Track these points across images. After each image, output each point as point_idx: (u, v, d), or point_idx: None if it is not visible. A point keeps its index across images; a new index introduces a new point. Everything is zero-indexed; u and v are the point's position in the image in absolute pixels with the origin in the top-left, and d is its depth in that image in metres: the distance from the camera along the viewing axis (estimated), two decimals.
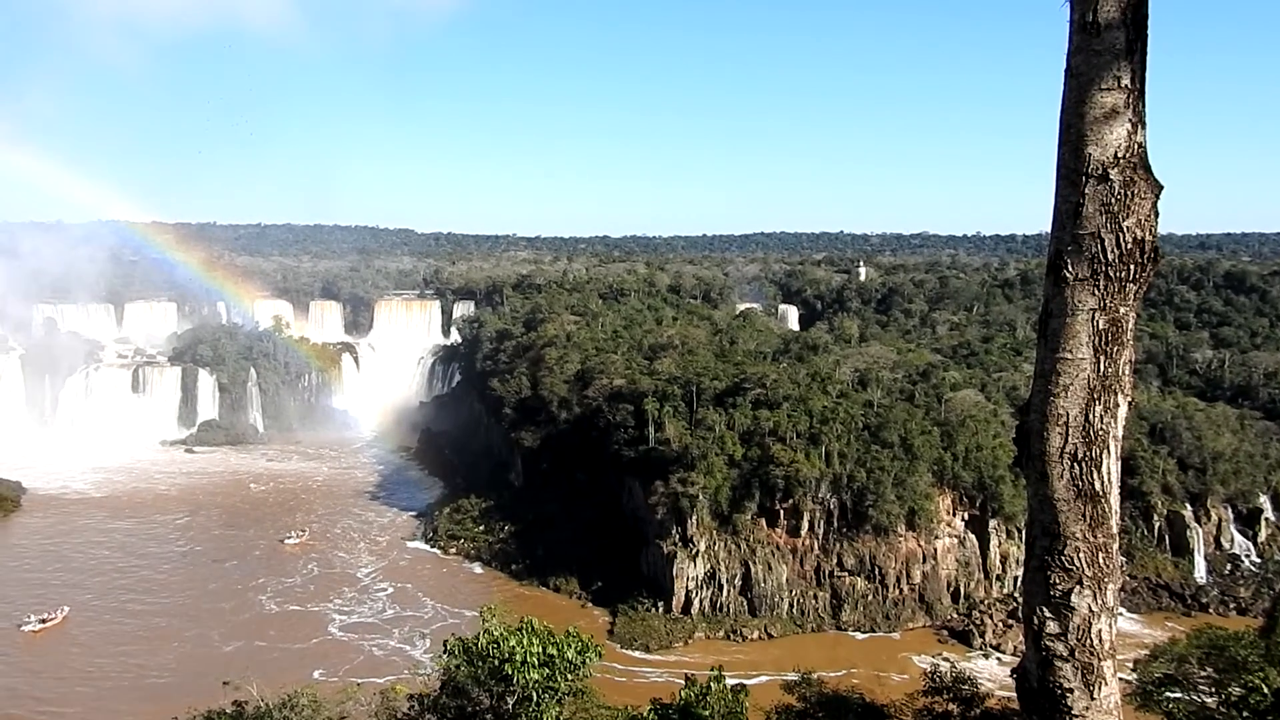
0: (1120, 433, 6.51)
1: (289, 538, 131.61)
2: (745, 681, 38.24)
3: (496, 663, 24.46)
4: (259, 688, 30.66)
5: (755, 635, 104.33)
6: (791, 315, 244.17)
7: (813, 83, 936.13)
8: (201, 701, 30.94)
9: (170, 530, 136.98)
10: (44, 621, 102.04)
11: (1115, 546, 6.54)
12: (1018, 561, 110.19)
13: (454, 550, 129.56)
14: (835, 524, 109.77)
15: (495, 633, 24.99)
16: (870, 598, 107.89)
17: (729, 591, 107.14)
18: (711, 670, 27.56)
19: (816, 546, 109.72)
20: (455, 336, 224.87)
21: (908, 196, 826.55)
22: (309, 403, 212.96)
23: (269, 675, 34.88)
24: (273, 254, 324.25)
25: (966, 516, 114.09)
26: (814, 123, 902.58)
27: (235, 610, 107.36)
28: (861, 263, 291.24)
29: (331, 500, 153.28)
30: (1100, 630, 6.50)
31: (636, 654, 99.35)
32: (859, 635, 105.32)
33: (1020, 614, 7.30)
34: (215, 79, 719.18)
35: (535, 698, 24.37)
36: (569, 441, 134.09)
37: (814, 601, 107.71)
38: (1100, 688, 6.52)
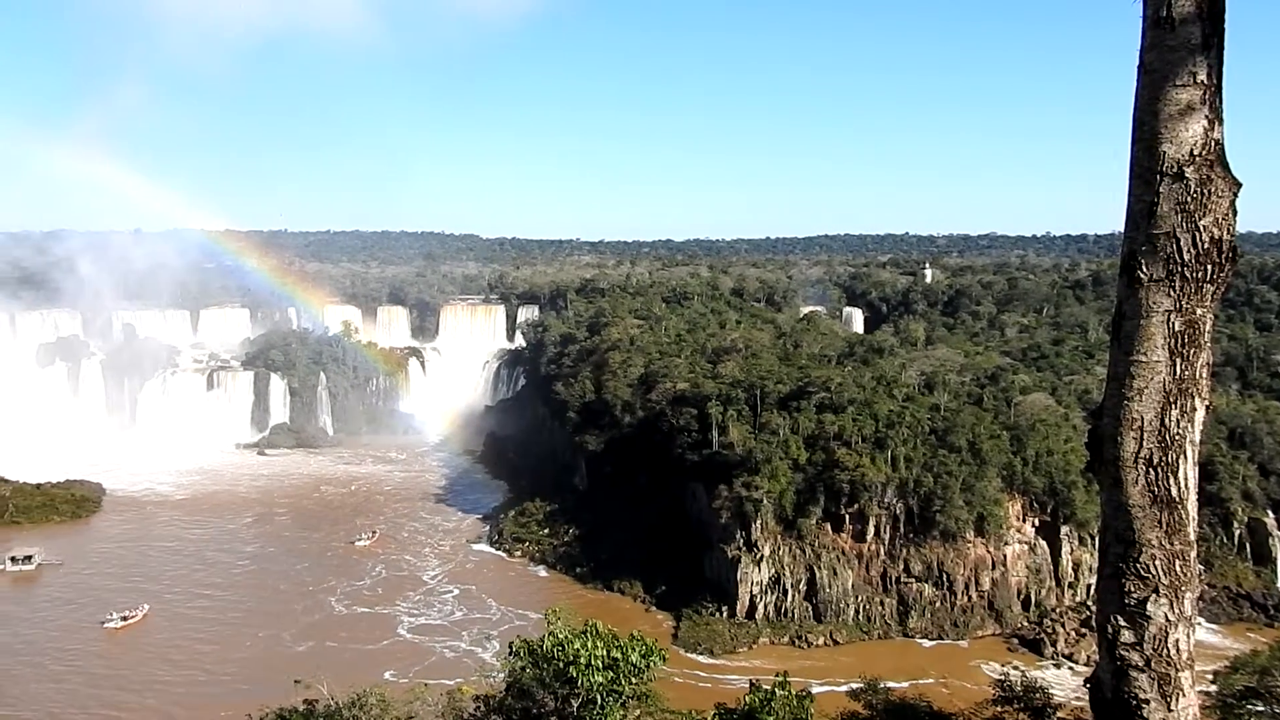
0: (1198, 437, 6.35)
1: (359, 539, 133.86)
2: (811, 688, 37.99)
3: (561, 665, 24.57)
4: (329, 687, 31.19)
5: (820, 641, 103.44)
6: (856, 318, 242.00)
7: (877, 84, 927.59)
8: (274, 700, 31.55)
9: (244, 531, 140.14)
10: (125, 619, 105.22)
11: (1193, 554, 6.38)
12: (1090, 569, 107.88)
13: (519, 553, 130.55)
14: (902, 529, 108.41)
15: (560, 635, 25.11)
16: (938, 604, 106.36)
17: (794, 597, 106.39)
18: (776, 676, 27.33)
19: (883, 552, 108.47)
20: (520, 341, 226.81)
21: (975, 197, 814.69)
22: (377, 406, 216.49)
23: (339, 675, 35.43)
24: (341, 260, 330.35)
25: (1037, 522, 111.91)
26: (879, 124, 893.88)
27: (307, 611, 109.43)
28: (928, 264, 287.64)
29: (399, 503, 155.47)
30: (1177, 640, 6.34)
31: (700, 658, 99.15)
32: (926, 643, 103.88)
33: (1094, 622, 7.16)
34: (288, 85, 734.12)
35: (599, 701, 24.42)
36: (633, 445, 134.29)
37: (880, 608, 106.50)
38: (1177, 699, 6.35)
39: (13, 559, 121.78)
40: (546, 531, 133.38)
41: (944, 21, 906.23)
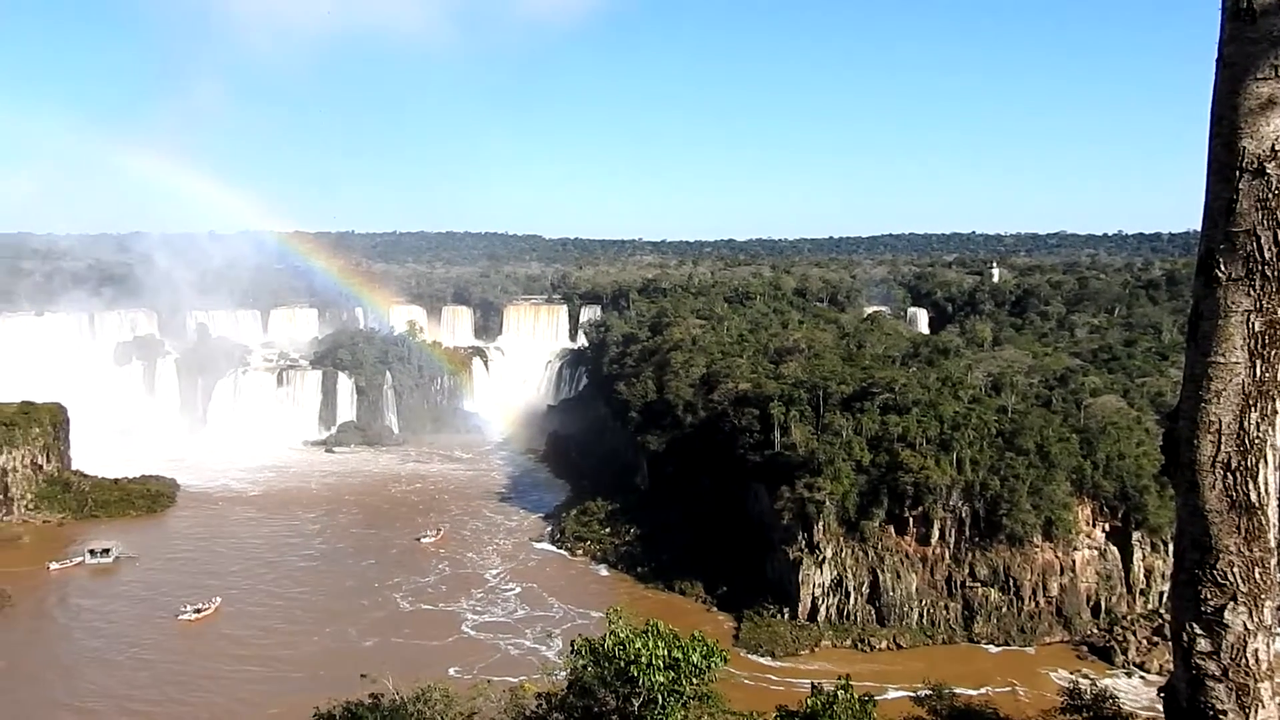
0: (1278, 441, 6.18)
1: (425, 536, 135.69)
2: (873, 692, 37.60)
3: (622, 664, 24.63)
4: (394, 682, 31.66)
5: (883, 645, 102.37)
6: (921, 318, 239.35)
7: (942, 82, 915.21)
8: (340, 694, 32.07)
9: (312, 527, 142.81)
10: (198, 611, 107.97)
11: (1273, 561, 6.21)
12: (1163, 575, 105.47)
13: (580, 552, 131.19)
14: (967, 533, 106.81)
15: (621, 634, 25.18)
16: (1004, 610, 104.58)
17: (856, 599, 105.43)
18: (838, 679, 27.12)
19: (947, 555, 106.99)
20: (582, 340, 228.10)
21: (1044, 194, 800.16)
22: (441, 405, 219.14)
23: (404, 671, 35.99)
24: (407, 260, 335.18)
25: (1108, 528, 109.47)
26: (945, 121, 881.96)
27: (373, 607, 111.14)
28: (995, 264, 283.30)
29: (463, 501, 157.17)
30: (1256, 649, 6.16)
31: (761, 660, 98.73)
32: (992, 648, 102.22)
33: (1168, 631, 6.98)
34: (356, 86, 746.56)
35: (660, 700, 24.44)
36: (694, 445, 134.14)
37: (945, 612, 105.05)
38: (1256, 710, 6.18)
39: (91, 552, 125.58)
40: (608, 531, 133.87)
41: (1013, 18, 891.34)
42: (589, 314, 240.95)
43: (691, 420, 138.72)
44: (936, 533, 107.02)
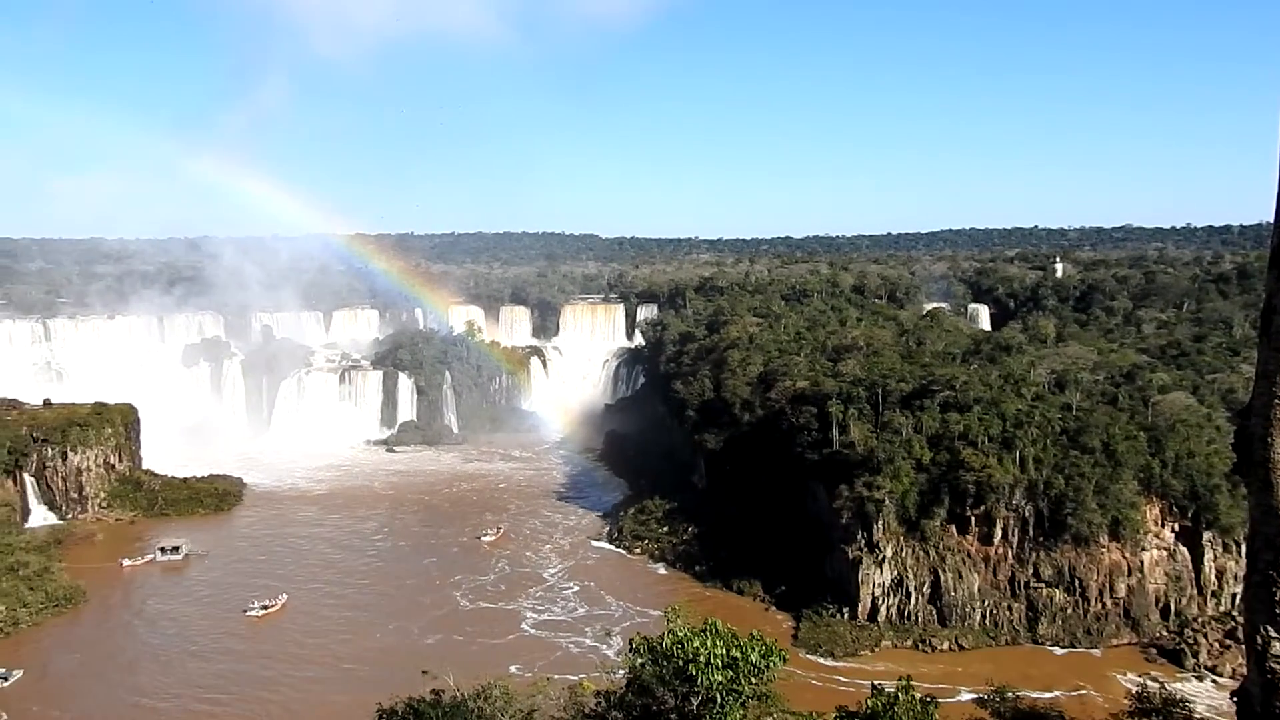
0: None
1: (485, 534, 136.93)
2: (935, 694, 37.19)
3: (681, 663, 24.63)
4: (455, 679, 32.01)
5: (945, 646, 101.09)
6: (982, 314, 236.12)
7: (1002, 77, 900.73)
8: (402, 689, 32.48)
9: (375, 526, 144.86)
10: (266, 608, 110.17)
11: None
12: (1236, 577, 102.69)
13: (638, 550, 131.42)
14: (1031, 532, 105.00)
15: (679, 633, 25.18)
16: (1070, 611, 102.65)
17: (917, 599, 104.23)
18: (899, 680, 26.82)
19: (1010, 555, 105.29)
20: (639, 339, 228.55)
21: (1109, 187, 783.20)
22: (499, 405, 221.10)
23: (465, 668, 36.30)
24: (465, 261, 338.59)
25: (1177, 527, 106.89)
26: (1006, 115, 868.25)
27: (434, 605, 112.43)
28: (1058, 258, 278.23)
29: (521, 500, 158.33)
30: None
31: (821, 660, 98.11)
32: (1057, 650, 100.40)
33: (1240, 633, 6.82)
34: (418, 89, 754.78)
35: (719, 700, 24.40)
36: (752, 444, 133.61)
37: (1008, 613, 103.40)
38: None
39: (162, 550, 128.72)
40: (666, 529, 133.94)
41: (1077, 11, 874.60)
42: (646, 313, 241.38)
43: (749, 419, 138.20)
44: (999, 532, 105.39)
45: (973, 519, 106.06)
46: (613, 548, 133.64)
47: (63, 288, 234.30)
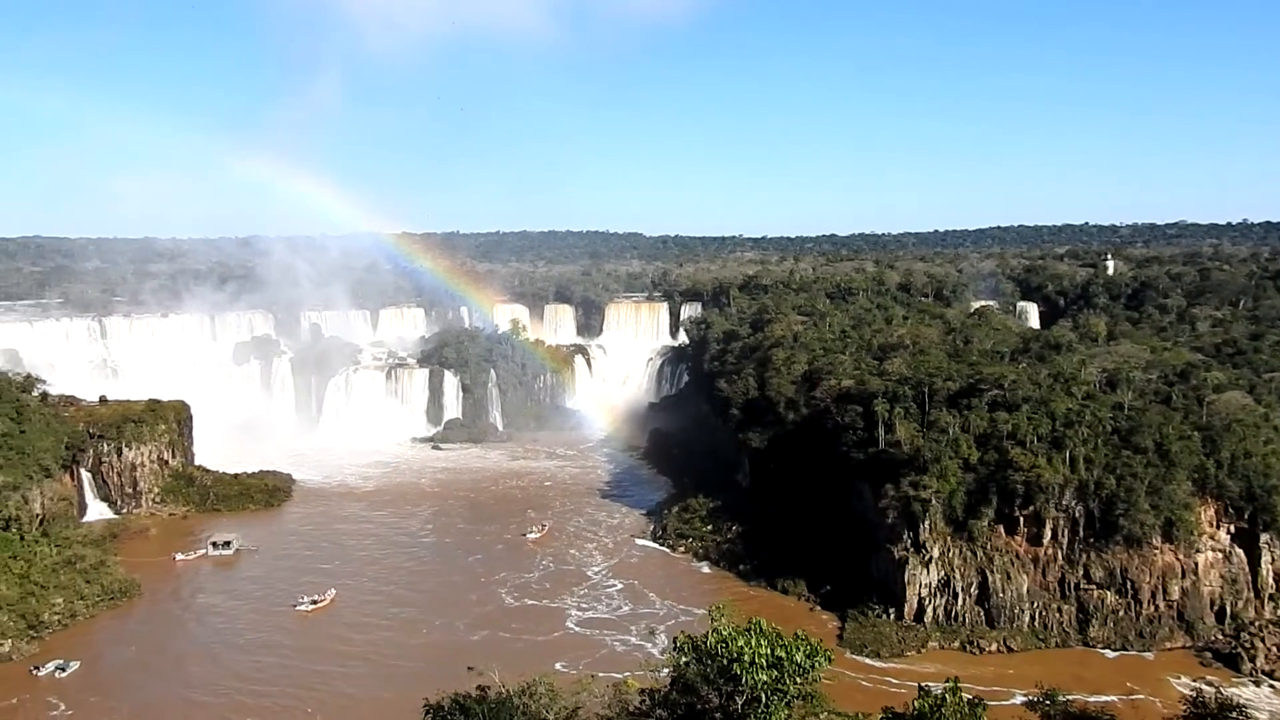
0: None
1: (530, 532, 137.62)
2: (983, 696, 36.78)
3: (725, 662, 24.63)
4: (500, 675, 32.25)
5: (993, 648, 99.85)
6: (1031, 312, 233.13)
7: (1051, 70, 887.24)
8: (449, 685, 32.78)
9: (421, 522, 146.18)
10: (314, 603, 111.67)
11: None
12: None
13: (682, 549, 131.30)
14: (1081, 533, 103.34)
15: (724, 632, 25.17)
16: (1121, 613, 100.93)
17: (964, 600, 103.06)
18: (946, 681, 26.60)
19: (1060, 556, 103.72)
20: (683, 338, 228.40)
21: (1162, 183, 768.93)
22: (544, 403, 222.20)
23: (510, 664, 36.55)
24: (510, 260, 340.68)
25: (1233, 529, 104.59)
26: (1055, 110, 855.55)
27: (479, 602, 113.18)
28: (1109, 255, 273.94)
29: (565, 498, 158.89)
30: None
31: (866, 660, 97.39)
32: (1109, 653, 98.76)
33: None
34: (465, 87, 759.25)
35: (764, 699, 24.36)
36: (796, 442, 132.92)
37: (1058, 615, 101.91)
38: None
39: (214, 544, 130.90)
40: (710, 528, 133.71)
41: (1129, 4, 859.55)
42: (689, 311, 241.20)
43: (793, 417, 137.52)
44: (1049, 533, 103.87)
45: (1021, 519, 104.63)
46: (657, 546, 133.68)
47: (118, 286, 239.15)
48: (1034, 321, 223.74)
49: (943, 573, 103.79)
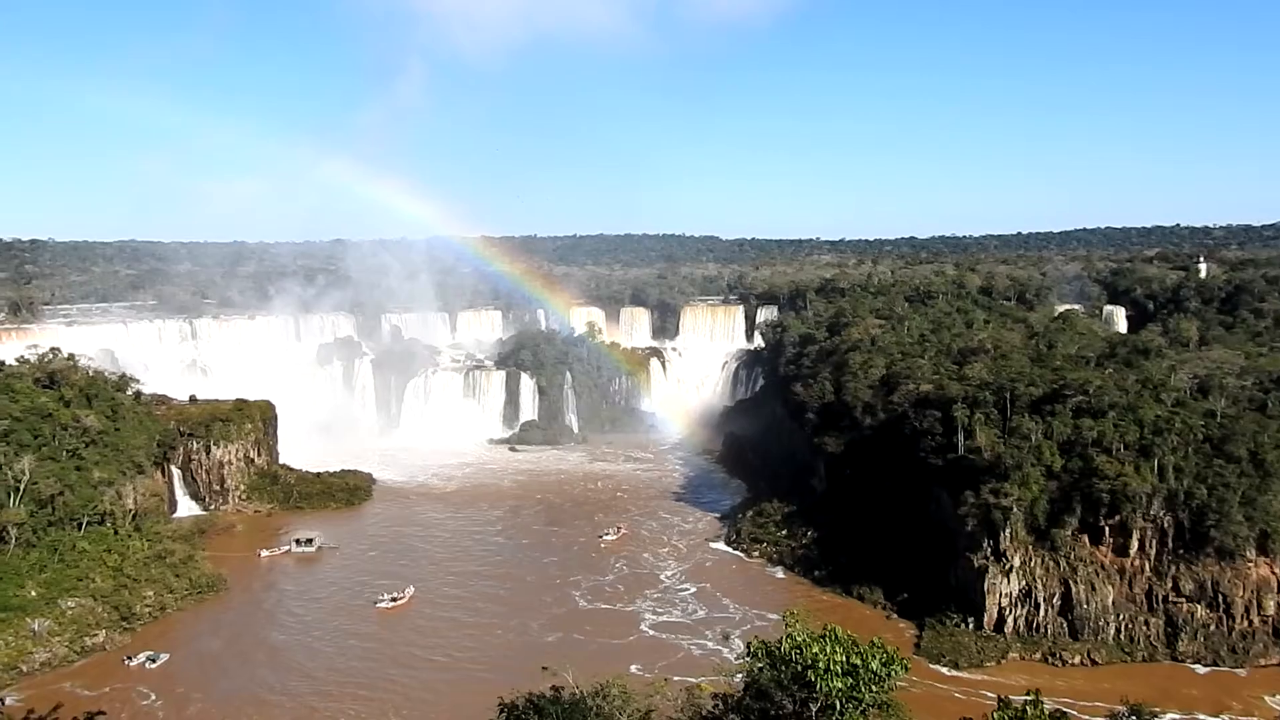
0: None
1: (607, 535, 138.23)
2: (1065, 709, 35.96)
3: (799, 668, 24.44)
4: (574, 676, 32.45)
5: (1076, 660, 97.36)
6: (1118, 316, 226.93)
7: (1141, 67, 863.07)
8: (523, 685, 33.07)
9: (498, 523, 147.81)
10: (394, 600, 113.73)
11: None
12: None
13: (756, 554, 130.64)
14: (1170, 544, 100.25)
15: (798, 638, 24.98)
16: (1212, 628, 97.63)
17: (1047, 611, 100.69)
18: (1027, 693, 26.00)
19: (1148, 568, 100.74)
20: (758, 341, 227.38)
21: (1259, 182, 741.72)
22: (619, 405, 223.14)
23: (584, 666, 36.74)
24: (586, 263, 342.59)
25: None
26: (1145, 108, 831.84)
27: (554, 603, 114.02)
28: (1202, 258, 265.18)
29: (640, 501, 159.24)
30: None
31: (944, 670, 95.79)
32: (1199, 668, 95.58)
33: None
34: (545, 90, 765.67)
35: (839, 707, 24.12)
36: (873, 447, 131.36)
37: (1144, 628, 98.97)
38: None
39: (297, 541, 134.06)
40: (784, 533, 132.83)
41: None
42: (765, 314, 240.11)
43: (870, 422, 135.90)
44: (1135, 543, 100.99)
45: (1107, 529, 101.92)
46: (730, 550, 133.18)
47: (208, 289, 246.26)
48: (1121, 326, 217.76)
49: (1024, 582, 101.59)
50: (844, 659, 24.14)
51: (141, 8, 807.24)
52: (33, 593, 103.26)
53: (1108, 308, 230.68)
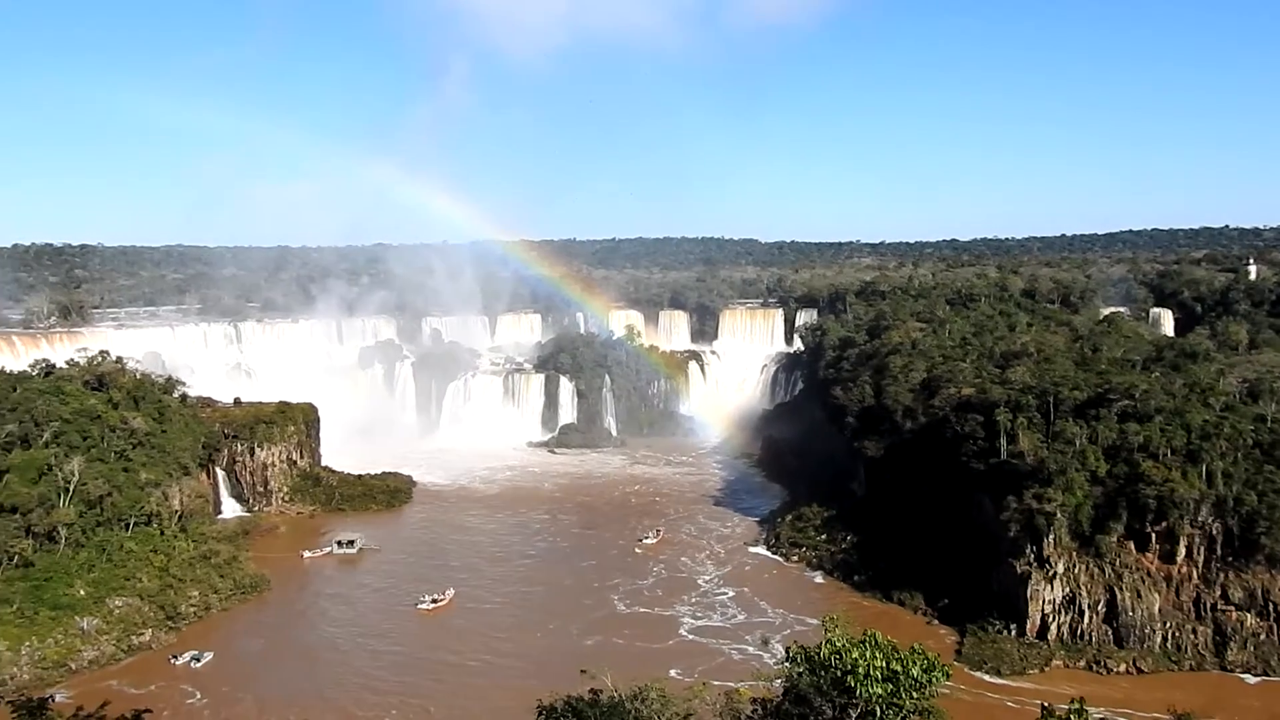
0: None
1: (645, 538, 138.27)
2: (1110, 718, 35.43)
3: (839, 674, 24.31)
4: (613, 679, 32.48)
5: (1122, 669, 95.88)
6: (1165, 319, 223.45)
7: (1186, 65, 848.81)
8: (561, 687, 33.16)
9: (537, 526, 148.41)
10: (435, 602, 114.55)
11: None
12: None
13: (795, 558, 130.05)
14: (1218, 551, 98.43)
15: (838, 643, 24.84)
16: (1263, 637, 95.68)
17: (1091, 619, 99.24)
18: (1071, 701, 25.63)
19: (1195, 575, 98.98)
20: (798, 344, 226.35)
21: None
22: (658, 408, 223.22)
23: (623, 670, 36.72)
24: (625, 266, 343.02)
25: None
26: (1191, 106, 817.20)
27: (593, 607, 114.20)
28: (1251, 259, 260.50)
29: (678, 504, 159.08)
30: None
31: (985, 677, 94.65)
32: (1249, 678, 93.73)
33: None
34: (587, 92, 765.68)
35: (878, 714, 23.95)
36: (914, 452, 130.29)
37: (1192, 636, 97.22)
38: None
39: (339, 543, 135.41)
40: (824, 537, 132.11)
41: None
42: (805, 317, 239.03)
43: (911, 426, 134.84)
44: (1183, 550, 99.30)
45: (1153, 535, 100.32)
46: (770, 554, 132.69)
47: (252, 292, 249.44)
48: (1168, 329, 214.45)
49: (1068, 589, 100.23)
50: (884, 665, 23.97)
51: (191, 19, 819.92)
52: (81, 592, 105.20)
53: (1154, 310, 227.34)
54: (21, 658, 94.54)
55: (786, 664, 26.62)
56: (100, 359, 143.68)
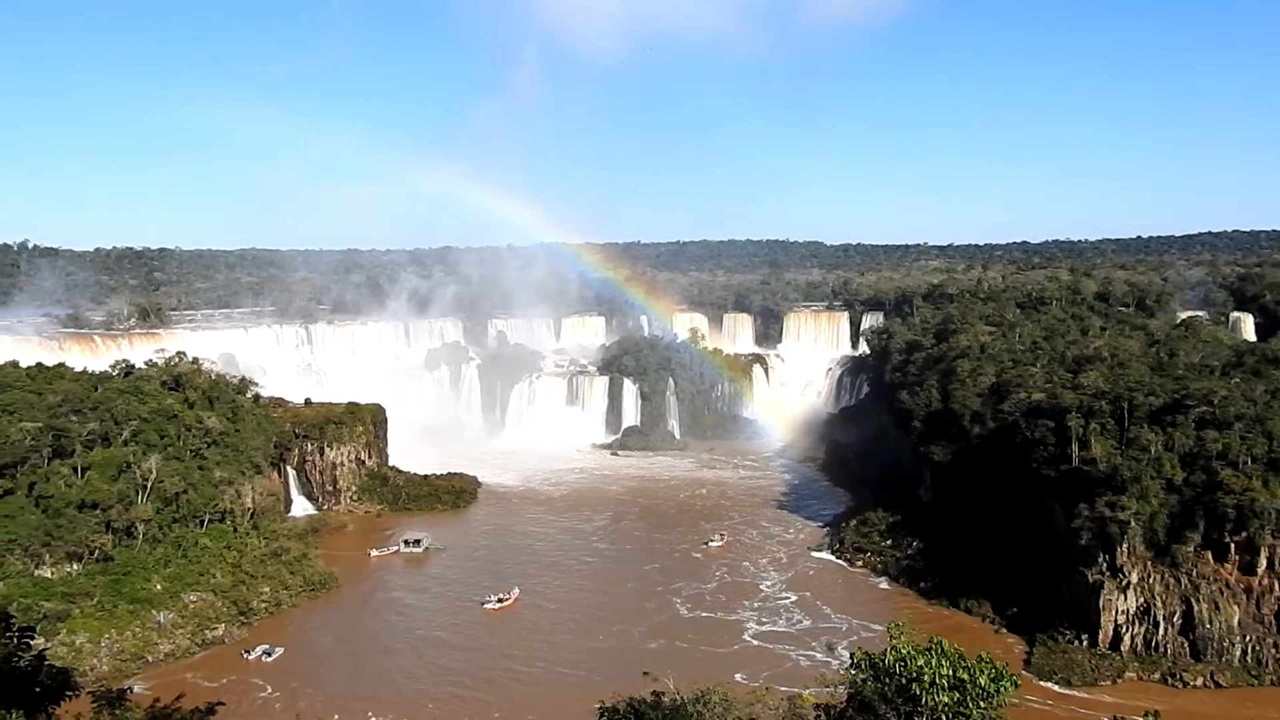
0: None
1: (711, 541, 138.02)
2: None
3: (904, 681, 24.02)
4: (675, 682, 32.48)
5: (1199, 682, 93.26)
6: (1246, 324, 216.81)
7: (1261, 59, 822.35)
8: (624, 689, 33.21)
9: (600, 528, 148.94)
10: (501, 601, 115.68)
11: None
12: None
13: (860, 563, 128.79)
14: None
15: (903, 650, 24.56)
16: None
17: (1166, 630, 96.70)
18: (1145, 714, 25.06)
19: (1277, 587, 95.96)
20: (863, 348, 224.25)
21: None
22: (721, 411, 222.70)
23: (686, 673, 36.75)
24: (689, 269, 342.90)
25: None
26: (1268, 104, 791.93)
27: (656, 610, 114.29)
28: None
29: (742, 508, 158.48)
30: None
31: (1056, 688, 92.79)
32: None
33: None
34: (651, 93, 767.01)
35: None
36: (982, 457, 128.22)
37: (1274, 650, 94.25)
38: None
39: (405, 542, 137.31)
40: (889, 543, 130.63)
41: None
42: (871, 321, 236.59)
43: (979, 431, 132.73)
44: (1264, 561, 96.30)
45: (1232, 546, 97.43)
46: (834, 559, 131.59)
47: (323, 295, 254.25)
48: (1249, 333, 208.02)
49: (1142, 599, 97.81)
50: (950, 673, 23.63)
51: (262, 31, 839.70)
52: (158, 586, 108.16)
53: (1234, 314, 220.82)
54: (101, 649, 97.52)
55: (851, 670, 26.40)
56: (177, 360, 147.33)
